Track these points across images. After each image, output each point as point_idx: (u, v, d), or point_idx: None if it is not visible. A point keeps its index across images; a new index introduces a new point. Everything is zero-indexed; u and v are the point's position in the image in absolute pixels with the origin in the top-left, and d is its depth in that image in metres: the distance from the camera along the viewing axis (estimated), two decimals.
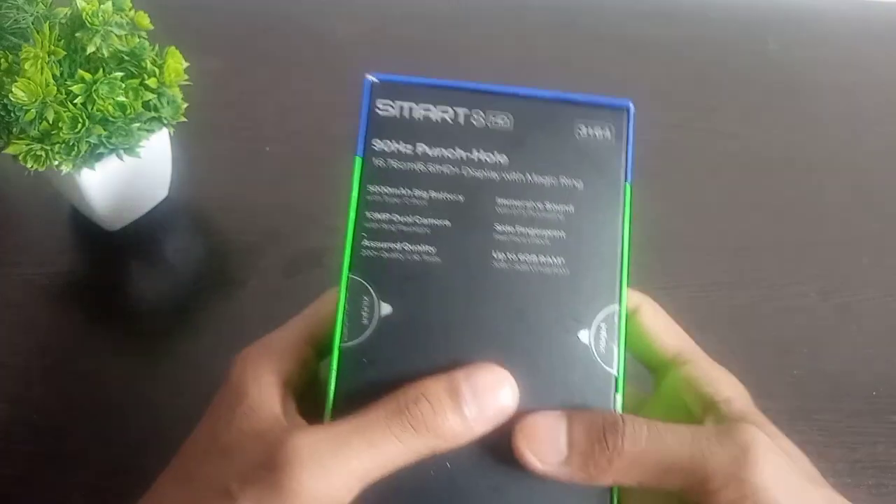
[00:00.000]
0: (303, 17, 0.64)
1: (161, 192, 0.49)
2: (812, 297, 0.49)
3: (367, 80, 0.28)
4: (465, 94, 0.28)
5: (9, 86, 0.36)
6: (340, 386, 0.26)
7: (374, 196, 0.27)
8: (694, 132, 0.58)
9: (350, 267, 0.26)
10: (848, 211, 0.54)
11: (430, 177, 0.27)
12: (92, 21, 0.38)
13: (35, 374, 0.42)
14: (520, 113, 0.27)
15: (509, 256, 0.26)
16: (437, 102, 0.28)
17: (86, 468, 0.38)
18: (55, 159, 0.38)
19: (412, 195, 0.27)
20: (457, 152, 0.27)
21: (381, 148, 0.27)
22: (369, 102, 0.28)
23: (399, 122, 0.27)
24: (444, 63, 0.61)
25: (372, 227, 0.26)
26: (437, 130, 0.27)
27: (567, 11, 0.67)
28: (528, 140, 0.27)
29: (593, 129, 0.28)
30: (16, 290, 0.45)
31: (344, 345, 0.26)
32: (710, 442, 0.23)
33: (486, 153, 0.27)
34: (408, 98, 0.28)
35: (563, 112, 0.28)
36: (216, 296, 0.46)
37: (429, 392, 0.24)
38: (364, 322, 0.26)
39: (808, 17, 0.70)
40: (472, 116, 0.27)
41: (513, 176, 0.27)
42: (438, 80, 0.28)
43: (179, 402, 0.41)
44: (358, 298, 0.26)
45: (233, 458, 0.24)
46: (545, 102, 0.28)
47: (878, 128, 0.60)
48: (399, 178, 0.27)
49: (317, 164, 0.52)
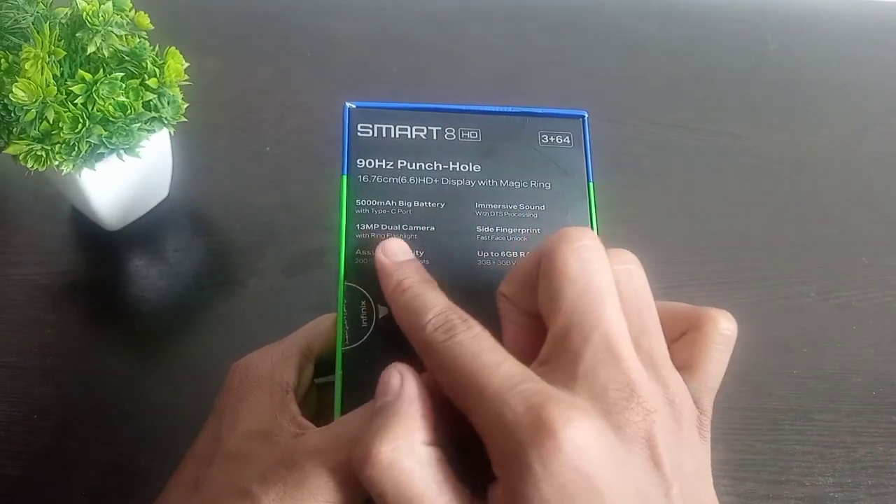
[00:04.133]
0: (303, 17, 0.64)
1: (161, 192, 0.49)
2: (812, 297, 0.49)
3: (346, 107, 0.30)
4: (436, 114, 0.30)
5: (9, 86, 0.36)
6: (346, 387, 0.27)
7: (363, 209, 0.29)
8: (694, 132, 0.58)
9: (346, 275, 0.28)
10: (848, 211, 0.54)
11: (412, 188, 0.29)
12: (92, 21, 0.38)
13: (35, 374, 0.42)
14: (487, 127, 0.30)
15: (492, 254, 0.29)
16: (411, 123, 0.30)
17: (86, 468, 0.38)
18: (55, 159, 0.38)
19: (397, 206, 0.29)
20: (434, 165, 0.30)
21: (365, 165, 0.29)
22: (349, 126, 0.30)
23: (379, 142, 0.30)
24: (445, 63, 0.61)
25: (363, 237, 0.28)
26: (415, 147, 0.30)
27: (567, 11, 0.67)
28: (497, 150, 0.30)
29: (554, 137, 0.30)
30: (16, 290, 0.45)
31: (346, 348, 0.27)
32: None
33: (461, 164, 0.30)
34: (385, 121, 0.30)
35: (525, 124, 0.31)
36: (216, 296, 0.46)
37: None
38: (364, 325, 0.27)
39: (808, 17, 0.70)
40: (445, 133, 0.30)
41: (487, 182, 0.30)
42: (411, 104, 0.30)
43: (179, 402, 0.41)
44: (356, 304, 0.28)
45: (243, 461, 0.24)
46: (509, 117, 0.31)
47: (877, 128, 0.60)
48: (384, 192, 0.29)
49: (317, 164, 0.52)
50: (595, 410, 0.20)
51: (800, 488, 0.40)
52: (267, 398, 0.27)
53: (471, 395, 0.21)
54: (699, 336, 0.24)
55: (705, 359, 0.23)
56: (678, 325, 0.25)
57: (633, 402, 0.20)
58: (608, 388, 0.20)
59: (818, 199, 0.54)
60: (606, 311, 0.21)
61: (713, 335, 0.24)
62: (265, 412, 0.26)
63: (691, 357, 0.24)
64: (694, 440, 0.22)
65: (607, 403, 0.20)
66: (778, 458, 0.41)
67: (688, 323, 0.24)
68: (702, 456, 0.22)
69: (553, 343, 0.22)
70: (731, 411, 0.42)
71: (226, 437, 0.26)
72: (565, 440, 0.19)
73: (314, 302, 0.45)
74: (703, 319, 0.24)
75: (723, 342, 0.24)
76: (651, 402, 0.20)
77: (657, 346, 0.23)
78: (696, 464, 0.22)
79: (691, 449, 0.22)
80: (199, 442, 0.28)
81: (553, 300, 0.22)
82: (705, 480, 0.22)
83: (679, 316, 0.25)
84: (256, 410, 0.26)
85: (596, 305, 0.21)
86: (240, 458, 0.25)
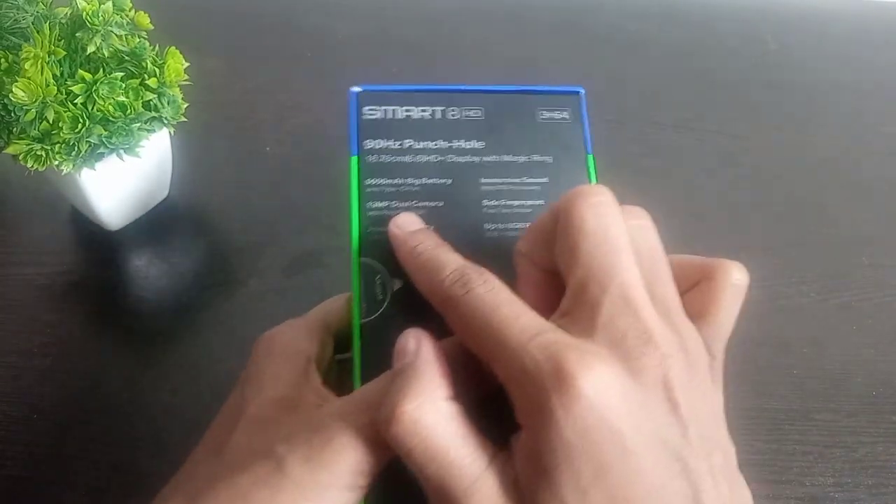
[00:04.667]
0: (303, 17, 0.64)
1: (161, 192, 0.49)
2: (812, 297, 0.49)
3: (353, 91, 0.31)
4: (440, 94, 0.31)
5: (9, 86, 0.36)
6: (365, 359, 0.27)
7: (373, 188, 0.30)
8: (694, 132, 0.58)
9: (360, 252, 0.29)
10: (848, 211, 0.54)
11: (420, 166, 0.30)
12: (92, 21, 0.38)
13: (35, 374, 0.42)
14: (489, 106, 0.31)
15: (499, 226, 0.30)
16: (416, 104, 0.31)
17: (86, 468, 0.38)
18: (55, 159, 0.38)
19: (406, 183, 0.30)
20: (439, 143, 0.31)
21: (373, 146, 0.30)
22: (357, 109, 0.31)
23: (386, 123, 0.31)
24: (445, 63, 0.61)
25: (374, 214, 0.29)
26: (420, 126, 0.31)
27: (567, 11, 0.67)
28: (499, 127, 0.31)
29: (553, 113, 0.32)
30: (16, 290, 0.45)
31: (363, 321, 0.28)
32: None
33: (465, 141, 0.31)
34: (390, 103, 0.31)
35: (525, 101, 0.32)
36: (216, 296, 0.46)
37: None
38: (379, 298, 0.28)
39: (808, 17, 0.70)
40: (448, 112, 0.31)
41: (491, 158, 0.31)
42: (415, 86, 0.31)
43: (178, 401, 0.41)
44: (371, 278, 0.29)
45: (268, 426, 0.25)
46: (509, 95, 0.32)
47: (877, 128, 0.60)
48: (392, 170, 0.30)
49: (317, 164, 0.52)
50: (614, 357, 0.21)
51: (800, 488, 0.40)
52: (291, 367, 0.27)
53: (492, 346, 0.22)
54: (711, 286, 0.24)
55: (717, 307, 0.24)
56: (690, 276, 0.25)
57: (650, 349, 0.21)
58: (626, 336, 0.21)
59: (818, 199, 0.54)
60: (622, 263, 0.22)
61: (725, 285, 0.24)
62: (289, 381, 0.27)
63: (703, 306, 0.24)
64: (707, 385, 0.23)
65: (625, 350, 0.21)
66: (778, 458, 0.41)
67: (700, 273, 0.25)
68: (716, 400, 0.23)
69: (572, 295, 0.23)
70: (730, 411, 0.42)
71: (249, 404, 0.26)
72: (586, 386, 0.19)
73: (314, 302, 0.45)
74: (715, 270, 0.25)
75: (734, 292, 0.25)
76: (667, 348, 0.21)
77: (671, 296, 0.23)
78: (709, 407, 0.22)
79: (704, 393, 0.22)
80: (223, 410, 0.28)
81: (571, 254, 0.23)
82: (719, 424, 0.23)
83: (691, 267, 0.25)
84: (280, 379, 0.27)
85: (612, 258, 0.22)
86: (264, 423, 0.25)
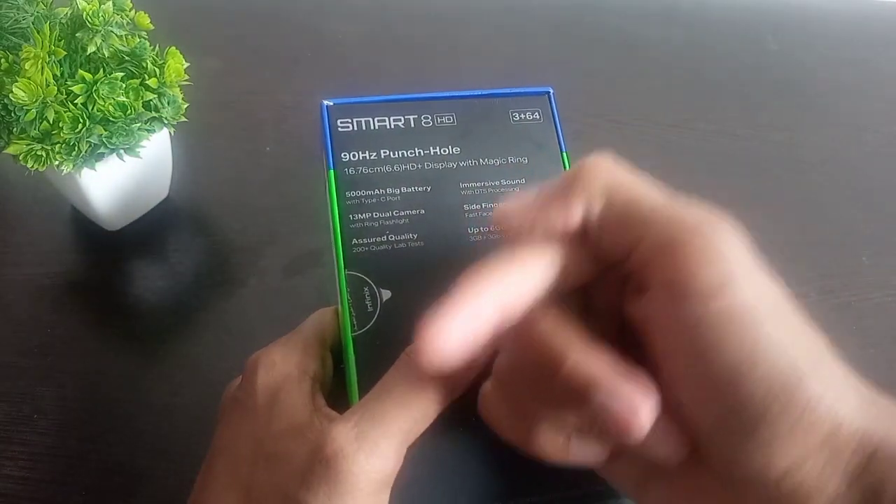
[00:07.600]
0: (303, 17, 0.64)
1: (161, 192, 0.49)
2: (812, 297, 0.49)
3: (324, 105, 0.31)
4: (411, 103, 0.32)
5: (9, 86, 0.36)
6: (360, 371, 0.28)
7: (353, 200, 0.30)
8: (694, 132, 0.58)
9: (345, 265, 0.29)
10: (848, 211, 0.54)
11: (398, 175, 0.30)
12: (92, 21, 0.38)
13: (35, 374, 0.42)
14: (461, 111, 0.32)
15: (482, 230, 0.30)
16: (388, 114, 0.31)
17: (86, 468, 0.38)
18: (55, 159, 0.38)
19: (385, 193, 0.30)
20: (416, 151, 0.31)
21: (350, 158, 0.30)
22: (329, 123, 0.31)
23: (360, 135, 0.31)
24: (445, 63, 0.61)
25: (357, 226, 0.29)
26: (395, 136, 0.31)
27: (567, 11, 0.67)
28: (473, 131, 0.31)
29: (524, 114, 0.32)
30: (16, 290, 0.45)
31: (355, 334, 0.28)
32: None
33: (441, 148, 0.31)
34: (363, 114, 0.31)
35: (496, 104, 0.32)
36: (216, 296, 0.46)
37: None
38: (370, 310, 0.28)
39: (808, 17, 0.70)
40: (422, 120, 0.31)
41: (467, 162, 0.31)
42: (384, 97, 0.32)
43: (179, 402, 0.41)
44: (359, 291, 0.28)
45: (281, 462, 0.25)
46: (480, 99, 0.32)
47: (877, 128, 0.60)
48: (371, 181, 0.30)
49: (317, 164, 0.51)
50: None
51: None
52: (297, 393, 0.27)
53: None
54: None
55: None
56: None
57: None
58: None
59: (818, 199, 0.54)
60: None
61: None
62: (295, 407, 0.27)
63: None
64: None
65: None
66: None
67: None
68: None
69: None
70: None
71: (262, 438, 0.26)
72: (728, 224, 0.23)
73: (314, 302, 0.45)
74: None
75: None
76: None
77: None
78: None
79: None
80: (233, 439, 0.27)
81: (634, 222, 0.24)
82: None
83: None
84: (288, 407, 0.27)
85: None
86: (279, 460, 0.25)
